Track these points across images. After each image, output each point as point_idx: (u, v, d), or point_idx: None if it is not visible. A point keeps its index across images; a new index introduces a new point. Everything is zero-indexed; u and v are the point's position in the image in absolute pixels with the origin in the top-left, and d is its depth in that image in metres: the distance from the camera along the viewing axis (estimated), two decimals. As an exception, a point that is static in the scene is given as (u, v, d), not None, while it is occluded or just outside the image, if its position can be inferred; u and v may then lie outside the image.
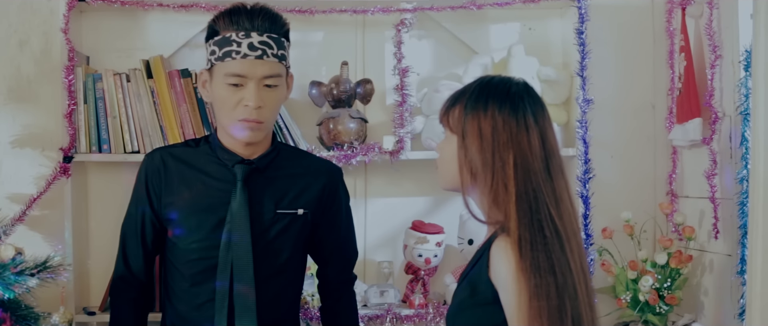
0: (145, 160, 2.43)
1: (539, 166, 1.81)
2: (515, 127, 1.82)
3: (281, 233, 2.38)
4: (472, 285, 1.86)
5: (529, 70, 3.07)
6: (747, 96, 2.65)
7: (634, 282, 2.93)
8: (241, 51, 2.24)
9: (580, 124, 3.03)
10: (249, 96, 2.26)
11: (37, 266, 2.05)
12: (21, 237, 2.80)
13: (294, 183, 2.42)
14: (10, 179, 3.07)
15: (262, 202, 2.36)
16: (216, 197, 2.34)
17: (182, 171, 2.38)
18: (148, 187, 2.39)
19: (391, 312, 3.04)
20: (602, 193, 3.08)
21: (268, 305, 2.35)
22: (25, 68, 3.08)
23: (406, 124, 3.04)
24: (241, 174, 2.34)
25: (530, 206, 1.78)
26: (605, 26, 3.20)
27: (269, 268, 2.36)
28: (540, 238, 1.75)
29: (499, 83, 1.90)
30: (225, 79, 2.26)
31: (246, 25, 2.27)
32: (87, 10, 3.11)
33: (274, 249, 2.37)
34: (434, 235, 3.11)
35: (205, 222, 2.33)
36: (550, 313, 1.71)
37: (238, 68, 2.25)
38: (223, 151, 2.37)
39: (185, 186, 2.36)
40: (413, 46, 3.15)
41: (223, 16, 2.29)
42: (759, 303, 2.36)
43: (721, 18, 2.82)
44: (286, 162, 2.45)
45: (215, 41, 2.28)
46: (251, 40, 2.25)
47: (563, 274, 1.75)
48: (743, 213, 2.66)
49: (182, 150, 2.44)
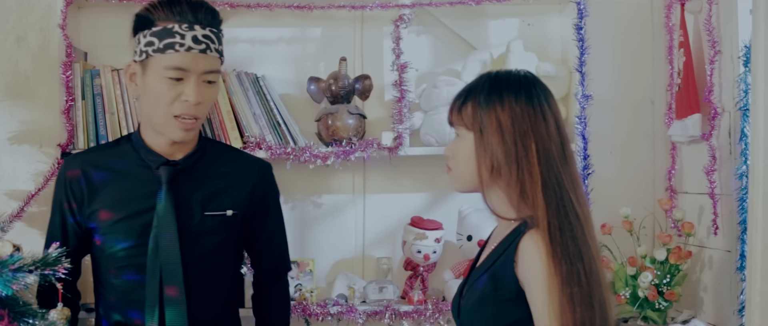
0: (63, 168, 2.34)
1: (558, 152, 1.84)
2: (533, 115, 1.84)
3: (210, 235, 2.32)
4: (494, 279, 1.86)
5: (528, 65, 3.06)
6: (746, 91, 2.65)
7: (634, 278, 2.93)
8: (186, 43, 2.17)
9: (579, 119, 3.03)
10: (189, 91, 2.19)
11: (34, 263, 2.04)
12: (19, 234, 2.79)
13: (222, 184, 2.36)
14: (7, 175, 3.06)
15: (188, 204, 2.29)
16: (141, 201, 2.27)
17: (104, 178, 2.29)
18: (69, 197, 2.31)
19: (390, 308, 3.03)
20: (601, 189, 3.08)
21: (203, 307, 2.31)
22: (22, 64, 3.07)
23: (405, 120, 3.04)
24: (165, 177, 2.27)
25: (555, 192, 1.80)
26: (604, 22, 3.20)
27: (201, 272, 2.30)
28: (566, 224, 1.78)
29: (508, 75, 1.92)
30: (164, 72, 2.17)
31: (189, 18, 2.19)
32: (84, 6, 3.11)
33: (205, 252, 2.32)
34: (433, 231, 3.10)
35: (132, 229, 2.26)
36: (582, 300, 1.73)
37: (180, 61, 2.17)
38: (146, 151, 2.29)
39: (108, 194, 2.28)
40: (412, 41, 3.15)
41: (162, 5, 2.19)
42: (758, 299, 2.36)
43: (721, 13, 2.82)
44: (213, 161, 2.38)
45: (154, 32, 2.17)
46: (195, 32, 2.18)
47: (589, 260, 1.77)
48: (743, 209, 2.66)
49: (101, 154, 2.37)
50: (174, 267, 2.25)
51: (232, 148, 2.61)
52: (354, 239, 3.27)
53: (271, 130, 3.01)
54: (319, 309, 3.01)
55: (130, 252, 2.27)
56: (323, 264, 3.24)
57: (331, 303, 3.05)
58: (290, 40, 3.25)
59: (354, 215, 3.27)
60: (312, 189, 3.24)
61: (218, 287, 2.38)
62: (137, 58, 2.22)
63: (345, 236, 3.27)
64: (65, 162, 2.35)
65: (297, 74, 3.21)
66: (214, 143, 2.56)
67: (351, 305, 3.04)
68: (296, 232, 3.22)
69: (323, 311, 3.02)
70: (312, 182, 3.22)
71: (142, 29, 2.20)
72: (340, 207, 3.27)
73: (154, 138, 2.29)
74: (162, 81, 2.18)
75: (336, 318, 3.04)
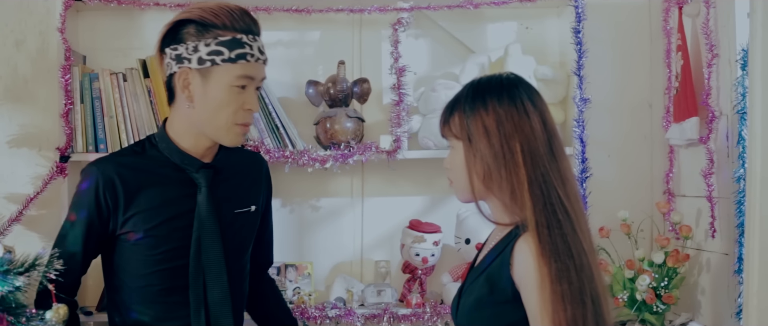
0: (93, 171, 2.26)
1: (544, 149, 1.84)
2: (516, 114, 1.85)
3: (240, 232, 2.37)
4: (490, 282, 1.87)
5: (526, 69, 3.07)
6: (744, 95, 2.65)
7: (631, 282, 2.93)
8: (254, 54, 2.20)
9: (577, 123, 3.03)
10: (252, 100, 2.23)
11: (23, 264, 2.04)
12: (18, 237, 2.80)
13: (243, 181, 2.40)
14: (6, 179, 3.06)
15: (222, 204, 2.32)
16: (178, 204, 2.27)
17: (139, 181, 2.27)
18: (99, 201, 2.25)
19: (389, 311, 3.03)
20: (599, 192, 3.08)
21: (238, 304, 2.35)
22: (21, 68, 3.08)
23: (403, 123, 3.04)
24: (205, 180, 2.29)
25: (542, 190, 1.81)
26: (602, 25, 3.20)
27: (237, 270, 2.34)
28: (554, 222, 1.78)
29: (490, 79, 1.93)
30: (234, 81, 2.18)
31: (253, 28, 2.22)
32: (83, 9, 3.11)
33: (239, 249, 2.36)
34: (431, 234, 3.10)
35: (172, 231, 2.26)
36: (573, 296, 1.74)
37: (250, 71, 2.20)
38: (181, 154, 2.29)
39: (145, 197, 2.26)
40: (410, 45, 3.15)
41: (224, 15, 2.18)
42: (756, 301, 2.36)
43: (718, 17, 2.82)
44: (230, 161, 2.40)
45: (221, 42, 2.17)
46: (257, 43, 2.23)
47: (579, 255, 1.78)
48: (740, 212, 2.66)
49: (132, 159, 2.33)
50: (218, 268, 2.27)
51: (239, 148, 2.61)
52: (352, 242, 3.27)
53: (270, 134, 3.02)
54: (318, 313, 3.02)
55: (169, 254, 2.27)
56: (322, 268, 3.24)
57: (329, 306, 3.05)
58: (289, 43, 3.26)
59: (352, 218, 3.27)
60: (310, 192, 3.24)
61: (244, 282, 2.42)
62: (194, 65, 2.19)
63: (343, 239, 3.27)
64: (96, 164, 2.29)
65: (295, 77, 3.22)
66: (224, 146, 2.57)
67: (349, 308, 3.04)
68: (294, 235, 3.22)
69: (321, 314, 3.02)
70: (310, 185, 3.22)
71: (200, 36, 2.18)
72: (339, 210, 3.27)
73: (193, 142, 2.29)
74: (228, 90, 2.19)
75: (334, 321, 3.04)
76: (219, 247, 2.28)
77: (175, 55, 2.21)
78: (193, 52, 2.18)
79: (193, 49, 2.18)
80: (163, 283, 2.28)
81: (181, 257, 2.27)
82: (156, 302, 2.29)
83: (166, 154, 2.30)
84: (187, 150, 2.29)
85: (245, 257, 2.42)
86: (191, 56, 2.18)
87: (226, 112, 2.21)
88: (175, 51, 2.21)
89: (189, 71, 2.20)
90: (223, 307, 2.28)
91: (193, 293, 2.27)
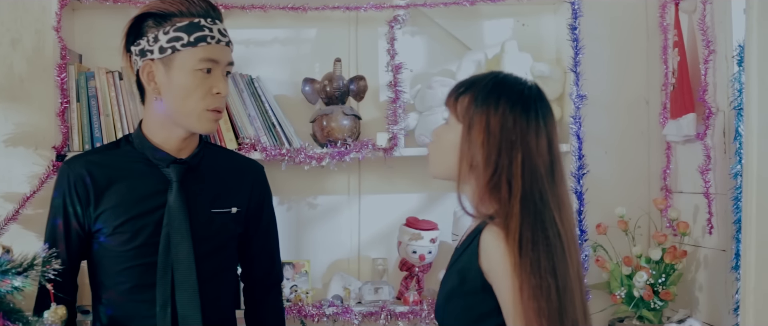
0: (64, 170, 2.31)
1: (545, 170, 1.83)
2: (525, 127, 1.84)
3: (217, 232, 2.34)
4: (461, 274, 1.87)
5: (523, 66, 3.07)
6: (740, 91, 2.65)
7: (629, 278, 2.93)
8: (215, 36, 2.20)
9: (574, 119, 3.03)
10: (220, 83, 2.22)
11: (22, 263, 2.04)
12: (14, 236, 2.79)
13: (225, 182, 2.38)
14: (2, 178, 3.05)
15: (197, 202, 2.31)
16: (149, 200, 2.27)
17: (110, 178, 2.28)
18: (73, 199, 2.28)
19: (386, 309, 3.03)
20: (596, 189, 3.08)
21: (210, 306, 2.31)
22: (17, 66, 3.07)
23: (400, 121, 3.04)
24: (176, 174, 2.28)
25: (536, 207, 1.80)
26: (598, 22, 3.20)
27: (209, 270, 2.31)
28: (543, 239, 1.77)
29: (514, 83, 1.91)
30: (197, 65, 2.19)
31: (211, 13, 2.23)
32: (79, 8, 3.10)
33: (212, 249, 2.33)
34: (428, 232, 3.10)
35: (142, 228, 2.25)
36: (550, 314, 1.73)
37: (212, 53, 2.20)
38: (152, 150, 2.29)
39: (115, 193, 2.27)
40: (406, 42, 3.15)
41: (179, 1, 2.20)
42: (753, 298, 2.36)
43: (715, 13, 2.82)
44: (215, 161, 2.40)
45: (179, 27, 2.18)
46: (218, 26, 2.23)
47: (564, 278, 1.76)
48: (737, 209, 2.66)
49: (104, 155, 2.35)
50: (187, 264, 2.25)
51: (227, 150, 2.64)
52: (349, 240, 3.27)
53: (266, 132, 3.01)
54: (315, 310, 3.01)
55: (139, 251, 2.26)
56: (319, 265, 3.24)
57: (326, 304, 3.04)
58: (285, 41, 3.25)
59: (349, 216, 3.27)
60: (307, 190, 3.24)
61: (224, 286, 2.40)
62: (156, 56, 2.21)
63: (340, 237, 3.27)
64: (67, 163, 2.33)
65: (292, 75, 3.21)
66: (211, 145, 2.56)
67: (346, 306, 3.04)
68: (291, 233, 3.22)
69: (319, 312, 3.02)
70: (307, 183, 3.22)
71: (159, 27, 2.20)
72: (336, 208, 3.27)
73: (165, 136, 2.29)
74: (192, 75, 2.20)
75: (332, 319, 3.04)
76: (188, 244, 2.26)
77: (139, 50, 2.24)
78: (154, 42, 2.20)
79: (153, 39, 2.20)
80: (134, 281, 2.27)
81: (151, 254, 2.26)
82: (128, 300, 2.29)
83: (140, 150, 2.31)
84: (160, 145, 2.29)
85: (223, 260, 2.38)
86: (153, 47, 2.21)
87: (194, 97, 2.22)
88: (138, 46, 2.24)
89: (152, 63, 2.22)
90: (191, 308, 2.26)
91: (160, 290, 2.25)
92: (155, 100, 2.24)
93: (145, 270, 2.26)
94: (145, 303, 2.26)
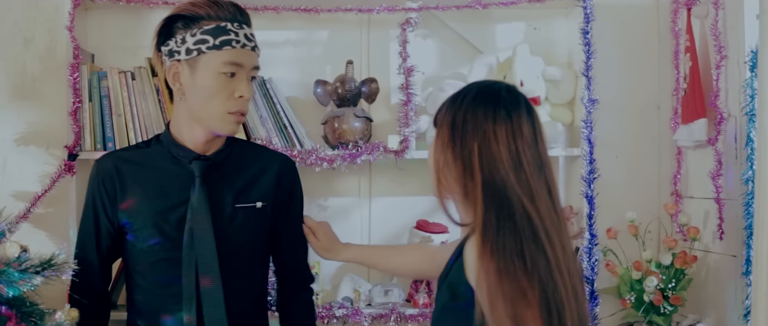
0: (96, 167, 2.36)
1: (505, 157, 1.78)
2: (482, 116, 1.81)
3: (242, 227, 2.35)
4: (451, 288, 1.85)
5: (534, 69, 3.07)
6: (752, 96, 2.65)
7: (639, 283, 2.93)
8: (240, 40, 2.22)
9: (585, 123, 3.03)
10: (243, 87, 2.24)
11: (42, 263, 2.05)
12: (25, 235, 2.79)
13: (250, 177, 2.39)
14: (14, 177, 3.07)
15: (220, 198, 2.32)
16: (174, 196, 2.29)
17: (136, 174, 2.32)
18: (101, 195, 2.32)
19: (396, 311, 3.04)
20: (607, 193, 3.08)
21: (236, 301, 2.32)
22: (30, 66, 3.08)
23: (411, 123, 3.04)
24: (198, 171, 2.30)
25: (499, 193, 1.76)
26: (610, 26, 3.20)
27: (235, 265, 2.32)
28: (509, 224, 1.72)
29: (484, 84, 1.91)
30: (220, 68, 2.21)
31: (238, 17, 2.25)
32: (92, 7, 3.11)
33: (237, 245, 2.33)
34: (439, 235, 3.10)
35: (166, 223, 2.28)
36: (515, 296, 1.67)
37: (237, 57, 2.22)
38: (177, 147, 2.32)
39: (141, 188, 2.30)
40: (418, 45, 3.15)
41: (209, 5, 2.23)
42: (764, 304, 2.36)
43: (727, 18, 2.82)
44: (241, 157, 2.41)
45: (206, 30, 2.21)
46: (244, 31, 2.25)
47: (533, 259, 1.70)
48: (748, 214, 2.66)
49: (133, 152, 2.39)
50: (210, 259, 2.27)
51: (256, 145, 2.64)
52: (360, 242, 3.26)
53: (278, 133, 3.02)
54: (325, 312, 3.02)
55: (164, 246, 2.28)
56: (329, 267, 3.24)
57: (336, 305, 3.05)
58: (297, 42, 3.26)
59: (360, 218, 3.28)
60: (318, 191, 3.24)
61: (250, 282, 2.40)
62: (183, 57, 2.24)
63: (351, 239, 3.22)
64: (98, 160, 2.37)
65: (303, 77, 3.22)
66: (239, 141, 2.55)
67: (356, 308, 3.04)
68: (302, 235, 3.22)
69: (329, 314, 3.02)
70: (318, 185, 3.22)
71: (187, 29, 2.23)
72: (346, 209, 3.28)
73: (190, 134, 2.31)
74: (216, 77, 2.22)
75: (341, 320, 3.04)
76: (211, 238, 2.27)
77: (167, 51, 2.27)
78: (181, 43, 2.23)
79: (181, 41, 2.23)
80: (160, 275, 2.29)
81: (176, 249, 2.28)
82: (156, 295, 2.31)
83: (166, 147, 2.34)
84: (185, 143, 2.32)
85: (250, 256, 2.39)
86: (180, 48, 2.24)
87: (217, 100, 2.24)
88: (167, 47, 2.27)
89: (178, 64, 2.25)
90: (215, 299, 2.27)
91: (185, 283, 2.27)
92: (180, 99, 2.28)
93: (170, 266, 2.28)
94: (172, 297, 2.28)
